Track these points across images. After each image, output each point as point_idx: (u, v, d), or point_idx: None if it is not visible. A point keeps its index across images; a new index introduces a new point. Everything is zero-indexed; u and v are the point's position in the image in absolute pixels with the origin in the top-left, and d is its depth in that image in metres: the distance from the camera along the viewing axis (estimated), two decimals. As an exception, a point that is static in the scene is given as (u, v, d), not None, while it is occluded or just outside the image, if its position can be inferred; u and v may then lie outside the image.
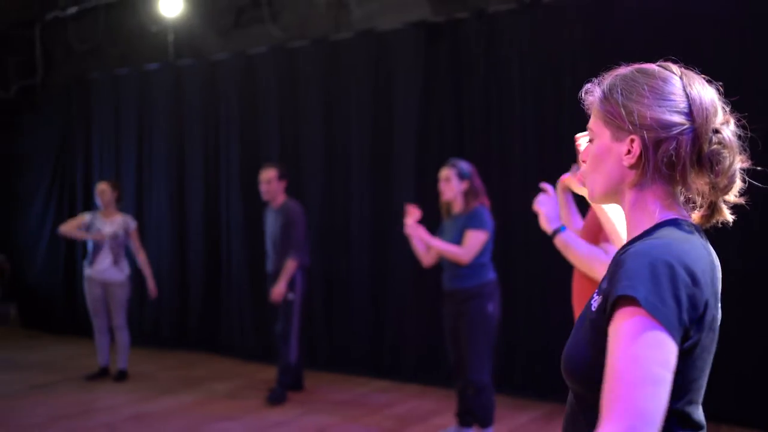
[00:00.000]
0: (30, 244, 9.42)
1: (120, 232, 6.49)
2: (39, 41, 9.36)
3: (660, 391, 1.13)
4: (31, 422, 5.36)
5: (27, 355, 7.90)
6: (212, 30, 7.86)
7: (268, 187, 5.73)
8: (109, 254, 6.46)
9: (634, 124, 1.28)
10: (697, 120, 1.26)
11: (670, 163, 1.27)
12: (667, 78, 1.30)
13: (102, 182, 6.76)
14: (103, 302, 6.56)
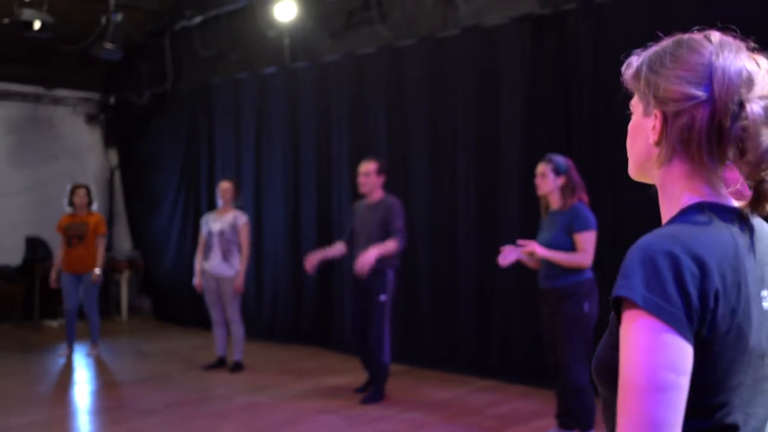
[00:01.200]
0: (161, 241, 10.02)
1: (227, 228, 6.74)
2: (169, 50, 9.93)
3: (671, 396, 1.04)
4: (149, 407, 5.70)
5: (156, 344, 8.40)
6: (324, 33, 8.04)
7: (366, 179, 5.69)
8: (218, 250, 6.74)
9: (657, 98, 1.21)
10: (716, 92, 1.16)
11: (684, 139, 1.18)
12: (696, 47, 1.21)
13: (225, 180, 7.07)
14: (217, 295, 6.86)
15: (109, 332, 9.15)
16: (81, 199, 7.60)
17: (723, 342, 1.10)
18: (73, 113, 11.31)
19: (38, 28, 8.18)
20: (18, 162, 10.75)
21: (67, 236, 7.55)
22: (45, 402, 5.98)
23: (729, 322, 1.10)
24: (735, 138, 1.16)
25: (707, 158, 1.18)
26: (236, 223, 6.82)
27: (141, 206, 10.57)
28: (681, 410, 1.05)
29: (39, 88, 10.84)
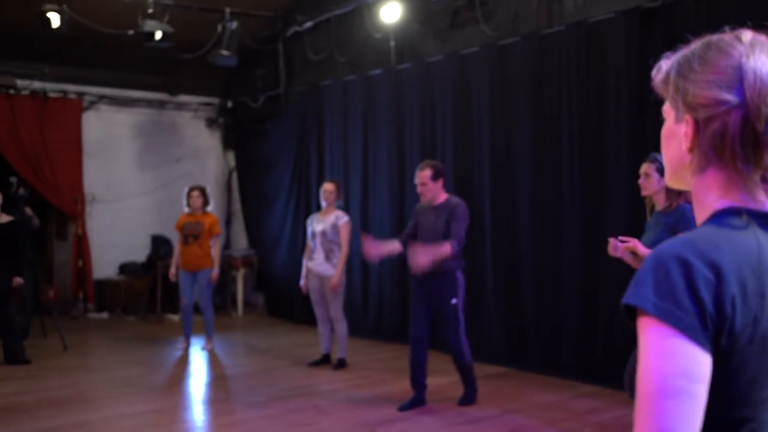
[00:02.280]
0: (274, 240, 10.35)
1: (329, 229, 6.87)
2: (282, 55, 10.25)
3: (682, 404, 0.99)
4: (255, 400, 5.90)
5: (266, 340, 8.68)
6: (429, 33, 8.06)
7: (424, 188, 5.58)
8: (321, 250, 6.88)
9: (686, 104, 1.14)
10: (748, 95, 1.08)
11: (716, 145, 1.11)
12: (725, 48, 1.13)
13: (327, 182, 7.22)
14: (321, 294, 7.01)
15: (225, 327, 9.56)
16: (195, 201, 7.93)
17: (745, 352, 1.04)
18: (194, 118, 11.88)
19: (159, 38, 8.65)
20: (144, 164, 11.41)
21: (183, 234, 7.91)
22: (159, 392, 6.31)
23: (751, 332, 1.04)
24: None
25: (742, 165, 1.11)
26: (337, 222, 6.94)
27: (256, 206, 10.96)
28: (695, 420, 0.99)
29: (163, 95, 11.46)
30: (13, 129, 10.11)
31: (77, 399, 5.94)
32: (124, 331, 9.46)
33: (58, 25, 8.08)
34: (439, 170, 5.64)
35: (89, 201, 10.87)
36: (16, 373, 6.88)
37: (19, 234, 7.37)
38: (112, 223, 11.10)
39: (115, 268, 11.05)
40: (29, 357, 7.31)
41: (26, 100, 10.25)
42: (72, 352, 7.92)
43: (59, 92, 10.54)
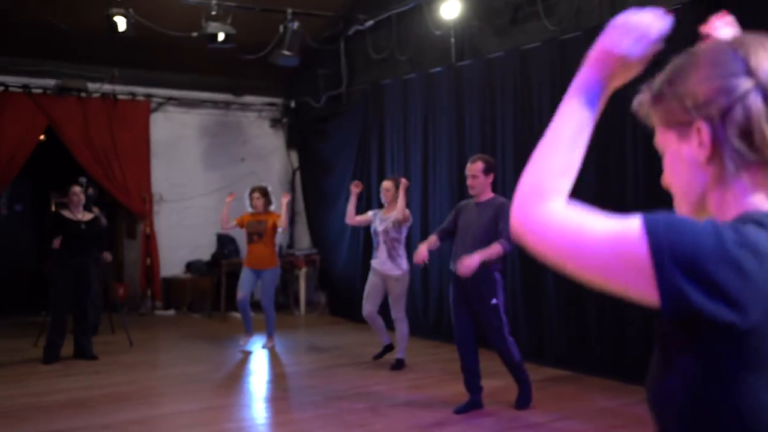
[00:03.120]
0: (336, 239, 10.37)
1: (390, 226, 6.83)
2: (343, 54, 10.27)
3: None
4: (311, 400, 5.90)
5: (327, 339, 8.70)
6: (490, 29, 7.93)
7: (474, 181, 5.40)
8: (384, 249, 6.85)
9: (693, 108, 1.06)
10: (760, 74, 1.01)
11: (744, 133, 1.01)
12: (713, 48, 1.08)
13: (386, 180, 7.17)
14: (378, 291, 6.95)
15: (287, 326, 9.63)
16: (256, 202, 7.98)
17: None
18: (258, 118, 12.02)
19: (222, 40, 8.77)
20: (210, 164, 11.61)
21: (248, 232, 7.98)
22: (219, 389, 6.38)
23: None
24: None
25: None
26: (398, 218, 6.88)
27: (318, 205, 11.02)
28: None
29: (228, 96, 11.64)
30: (84, 131, 10.43)
31: (139, 395, 6.05)
32: (189, 328, 9.64)
33: (124, 29, 8.29)
34: (491, 165, 5.48)
35: (157, 200, 11.13)
36: (83, 368, 7.08)
37: (102, 230, 7.64)
38: (178, 222, 11.34)
39: (181, 267, 11.28)
40: (96, 353, 7.52)
41: (97, 103, 10.55)
42: (137, 348, 8.11)
43: (128, 94, 10.82)
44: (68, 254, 7.23)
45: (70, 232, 7.25)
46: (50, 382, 6.53)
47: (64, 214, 7.38)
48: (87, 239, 7.35)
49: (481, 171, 5.40)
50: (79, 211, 7.41)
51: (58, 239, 7.19)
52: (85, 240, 7.33)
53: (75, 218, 7.34)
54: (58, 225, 7.30)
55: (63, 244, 7.24)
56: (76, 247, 7.27)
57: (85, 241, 7.33)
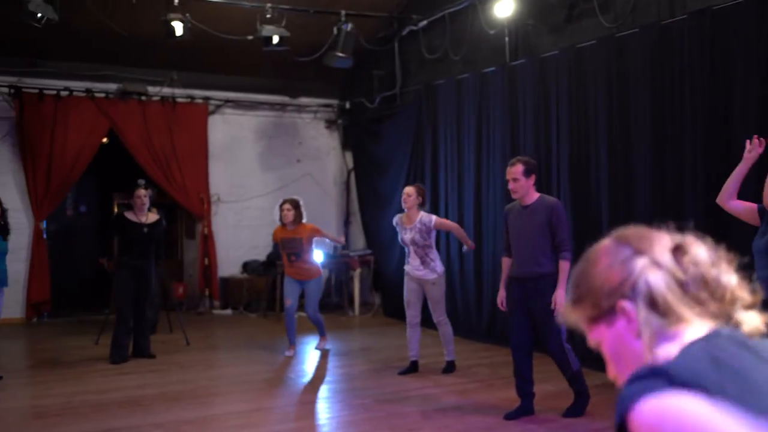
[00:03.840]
0: (389, 240, 10.34)
1: (417, 236, 6.68)
2: (397, 55, 10.24)
3: None
4: (360, 402, 5.89)
5: (380, 341, 8.69)
6: (544, 27, 7.79)
7: (516, 185, 5.28)
8: (416, 257, 6.74)
9: (610, 294, 1.20)
10: (648, 253, 1.19)
11: (651, 303, 1.17)
12: (602, 247, 1.26)
13: (410, 185, 7.01)
14: (417, 296, 6.86)
15: (341, 327, 9.67)
16: (287, 214, 7.51)
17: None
18: (314, 119, 12.11)
19: (276, 42, 8.85)
20: (267, 165, 11.75)
21: (285, 252, 7.63)
22: (269, 390, 6.43)
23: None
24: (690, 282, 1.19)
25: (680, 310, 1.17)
26: (429, 226, 6.70)
27: (372, 206, 11.02)
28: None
29: (284, 98, 11.75)
30: (145, 133, 10.68)
31: (191, 395, 6.14)
32: (244, 327, 9.77)
33: (181, 34, 8.43)
34: (531, 166, 5.32)
35: (214, 201, 11.32)
36: (140, 366, 7.24)
37: (163, 232, 7.80)
38: (236, 223, 11.51)
39: (238, 266, 11.45)
40: (154, 352, 7.67)
41: (156, 106, 10.79)
42: (193, 347, 8.25)
43: (187, 98, 11.03)
44: (130, 255, 7.39)
45: (132, 234, 7.40)
46: (108, 380, 6.69)
47: (127, 216, 7.53)
48: (149, 241, 7.49)
49: (522, 173, 5.26)
50: (142, 213, 7.55)
51: (109, 261, 7.41)
52: (146, 242, 7.47)
53: (138, 221, 7.49)
54: (122, 227, 7.46)
55: (126, 245, 7.40)
56: (138, 248, 7.41)
57: (147, 243, 7.47)
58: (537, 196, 5.33)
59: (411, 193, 6.73)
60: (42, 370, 7.30)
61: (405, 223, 6.78)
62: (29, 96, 10.06)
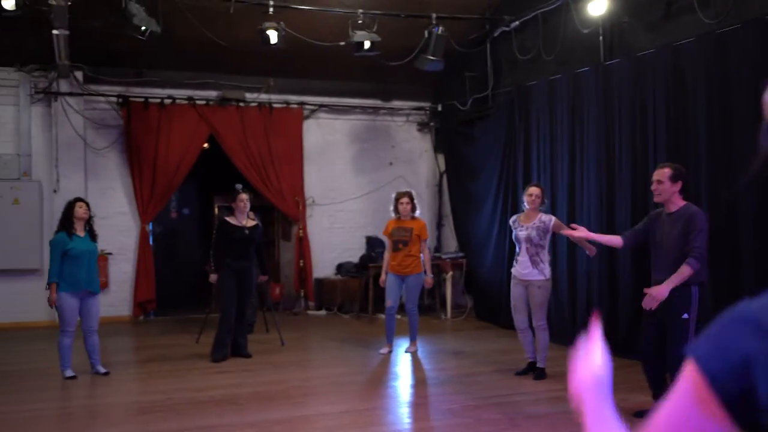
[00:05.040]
0: (481, 243, 10.29)
1: (534, 233, 6.66)
2: (489, 56, 10.16)
3: None
4: (449, 407, 5.90)
5: (471, 345, 8.65)
6: (641, 25, 7.55)
7: (659, 186, 5.19)
8: (526, 255, 6.70)
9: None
10: None
11: None
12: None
13: (534, 186, 6.98)
14: (523, 300, 6.82)
15: (432, 330, 9.69)
16: (405, 207, 7.94)
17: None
18: (406, 122, 12.17)
19: (368, 48, 8.95)
20: (359, 168, 11.90)
21: (392, 240, 8.02)
22: (360, 392, 6.51)
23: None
24: None
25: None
26: (547, 225, 6.69)
27: (464, 208, 10.98)
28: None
29: (377, 101, 11.87)
30: (242, 139, 11.02)
31: (284, 395, 6.30)
32: (337, 329, 9.93)
33: (275, 42, 8.66)
34: (679, 173, 5.22)
35: (309, 204, 11.55)
36: (237, 365, 7.48)
37: (262, 235, 8.04)
38: (330, 225, 11.71)
39: (332, 268, 11.64)
40: (251, 351, 7.91)
41: (254, 112, 11.12)
42: (288, 348, 8.45)
43: (282, 103, 11.31)
44: (233, 258, 7.66)
45: (235, 237, 7.68)
46: (207, 378, 6.95)
47: (229, 221, 7.80)
48: (250, 244, 7.76)
49: (668, 177, 5.18)
50: (243, 217, 7.82)
51: (215, 275, 7.72)
52: (248, 244, 7.74)
53: (240, 224, 7.76)
54: (225, 231, 7.74)
55: (229, 248, 7.68)
56: (239, 251, 7.69)
57: (248, 246, 7.75)
58: (682, 204, 5.24)
59: (537, 194, 6.76)
60: (146, 367, 7.66)
61: (522, 221, 6.80)
62: (136, 104, 10.57)
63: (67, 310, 6.77)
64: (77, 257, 6.77)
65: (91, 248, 6.96)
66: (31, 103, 10.26)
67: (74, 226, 6.89)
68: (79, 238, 6.86)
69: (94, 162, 10.58)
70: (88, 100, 10.47)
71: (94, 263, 7.01)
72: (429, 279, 7.99)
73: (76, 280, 6.77)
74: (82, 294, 6.84)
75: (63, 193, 9.84)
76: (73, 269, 6.76)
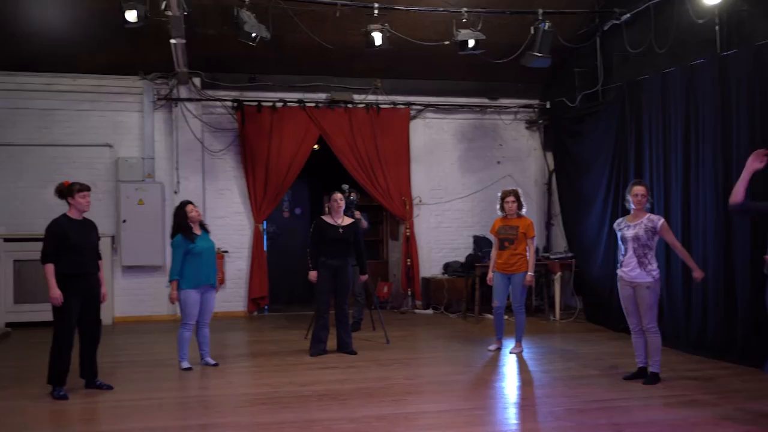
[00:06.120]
0: (592, 243, 10.02)
1: (642, 233, 6.44)
2: (599, 51, 9.88)
3: None
4: (551, 410, 5.78)
5: (580, 347, 8.44)
6: (761, 12, 7.15)
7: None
8: (633, 256, 6.49)
9: None
10: None
11: None
12: None
13: (638, 185, 6.76)
14: (632, 302, 6.61)
15: (539, 331, 9.53)
16: (510, 206, 7.98)
17: None
18: (514, 120, 12.02)
19: (472, 46, 8.92)
20: (466, 168, 11.86)
21: (498, 238, 8.05)
22: (461, 392, 6.48)
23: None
24: None
25: None
26: (655, 225, 6.48)
27: (574, 208, 10.73)
28: None
29: (484, 100, 11.79)
30: (350, 139, 11.23)
31: (386, 392, 6.37)
32: (443, 328, 9.94)
33: (380, 43, 8.77)
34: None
35: (416, 204, 11.62)
36: (342, 362, 7.63)
37: (360, 234, 8.17)
38: (437, 224, 11.74)
39: (439, 267, 11.67)
40: (355, 348, 8.06)
41: (361, 113, 11.30)
42: (393, 346, 8.54)
43: (390, 104, 11.43)
44: (328, 256, 7.87)
45: (329, 235, 7.88)
46: (312, 373, 7.13)
47: (325, 219, 8.02)
48: (345, 242, 7.92)
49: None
50: (339, 216, 8.00)
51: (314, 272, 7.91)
52: (342, 243, 7.91)
53: (335, 223, 7.95)
54: (320, 230, 7.95)
55: (324, 246, 7.88)
56: (333, 249, 7.88)
57: (342, 244, 7.91)
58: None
59: (643, 193, 6.61)
60: (256, 360, 7.94)
61: (629, 220, 6.66)
62: (249, 108, 10.97)
63: (190, 304, 7.20)
64: (198, 254, 7.20)
65: (210, 245, 7.39)
66: (153, 109, 10.85)
67: (191, 227, 7.29)
68: (198, 237, 7.27)
69: (210, 164, 11.07)
70: (205, 105, 10.97)
71: (213, 259, 7.39)
72: (529, 276, 7.92)
73: (198, 275, 7.20)
74: (204, 288, 7.27)
75: (183, 194, 10.38)
76: (195, 266, 7.20)
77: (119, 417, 5.77)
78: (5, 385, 6.83)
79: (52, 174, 10.07)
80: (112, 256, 10.59)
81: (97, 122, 10.75)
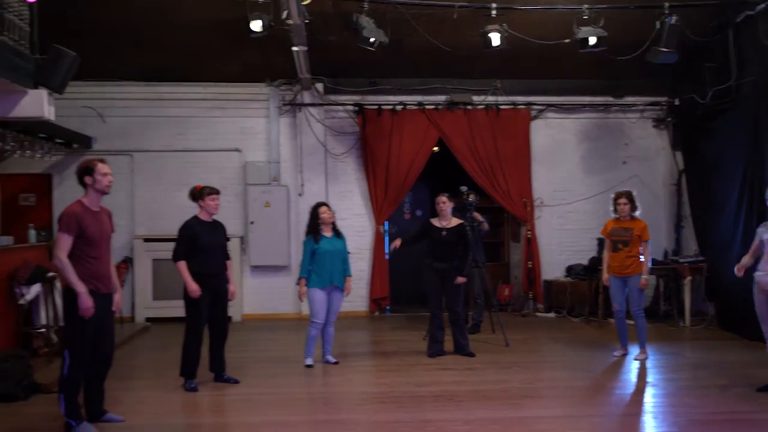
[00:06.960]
0: (724, 246, 9.52)
1: None
2: (732, 44, 9.37)
3: None
4: (669, 419, 5.56)
5: (709, 356, 8.06)
6: None
7: None
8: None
9: None
10: None
11: None
12: None
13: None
14: (767, 306, 6.27)
15: (668, 337, 9.18)
16: (623, 208, 7.81)
17: None
18: (641, 118, 11.61)
19: (593, 44, 8.70)
20: (590, 168, 11.57)
21: (612, 241, 7.85)
22: (580, 397, 6.34)
23: None
24: None
25: None
26: None
27: (705, 209, 10.24)
28: None
29: (608, 98, 11.46)
30: (470, 141, 11.21)
31: (502, 395, 6.33)
32: (565, 332, 9.74)
33: (498, 44, 8.72)
34: None
35: (537, 205, 11.45)
36: (460, 363, 7.65)
37: (465, 237, 8.14)
38: (559, 226, 11.52)
39: (561, 270, 11.43)
40: (473, 350, 8.05)
41: (481, 114, 11.26)
42: (512, 349, 8.46)
43: (509, 104, 11.33)
44: (432, 258, 7.92)
45: (433, 238, 7.94)
46: (429, 374, 7.19)
47: (432, 222, 8.06)
48: (448, 245, 7.91)
49: None
50: (445, 218, 8.03)
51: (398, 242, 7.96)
52: (445, 246, 7.91)
53: (440, 225, 7.98)
54: (427, 232, 8.02)
55: (429, 248, 7.95)
56: (438, 252, 7.93)
57: (446, 247, 7.91)
58: None
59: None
60: (375, 359, 8.10)
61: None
62: (370, 112, 11.18)
63: (318, 302, 7.45)
64: (324, 255, 7.41)
65: (338, 248, 7.55)
66: (279, 114, 11.27)
67: (320, 229, 7.50)
68: (326, 238, 7.49)
69: (333, 167, 11.36)
70: (327, 109, 11.28)
71: (339, 261, 7.55)
72: (644, 279, 7.68)
73: (324, 276, 7.42)
74: (330, 289, 7.48)
75: (307, 197, 10.74)
76: (322, 266, 7.42)
77: (245, 410, 6.06)
78: (144, 376, 7.33)
79: (186, 178, 10.66)
80: (241, 256, 11.08)
81: (226, 128, 11.29)
